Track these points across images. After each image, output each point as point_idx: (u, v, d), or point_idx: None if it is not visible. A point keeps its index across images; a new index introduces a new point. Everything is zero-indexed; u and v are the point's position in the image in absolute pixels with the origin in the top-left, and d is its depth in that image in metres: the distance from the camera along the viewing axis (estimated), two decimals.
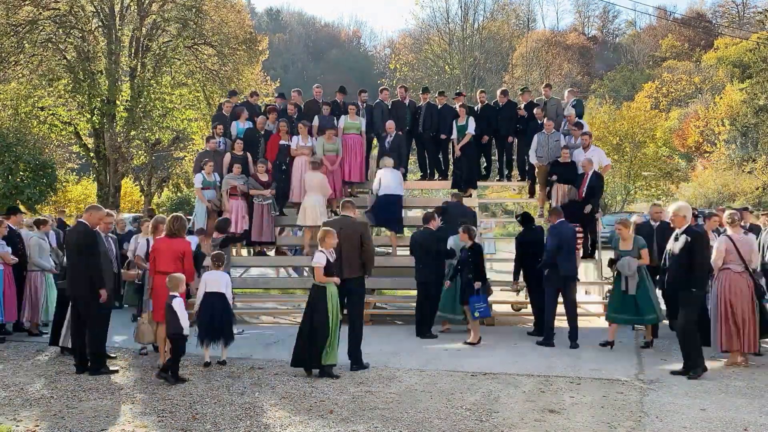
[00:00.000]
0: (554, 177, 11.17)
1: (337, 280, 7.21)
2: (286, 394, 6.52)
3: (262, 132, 12.14)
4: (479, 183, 12.77)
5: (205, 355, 7.68)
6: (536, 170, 11.80)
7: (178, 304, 7.07)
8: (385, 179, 10.98)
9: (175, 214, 8.04)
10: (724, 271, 7.68)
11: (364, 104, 12.63)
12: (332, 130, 11.86)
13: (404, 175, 12.10)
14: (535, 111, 12.09)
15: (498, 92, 12.93)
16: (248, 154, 11.79)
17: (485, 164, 13.10)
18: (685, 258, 7.16)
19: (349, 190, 12.42)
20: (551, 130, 11.68)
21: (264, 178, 11.42)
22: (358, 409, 6.03)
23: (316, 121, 12.19)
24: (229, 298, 7.88)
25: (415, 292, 9.68)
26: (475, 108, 12.64)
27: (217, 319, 7.69)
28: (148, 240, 8.68)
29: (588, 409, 6.09)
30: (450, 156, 12.92)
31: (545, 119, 11.79)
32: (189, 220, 10.75)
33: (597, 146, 12.00)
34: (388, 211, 10.90)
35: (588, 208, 10.80)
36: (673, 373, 7.25)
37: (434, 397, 6.41)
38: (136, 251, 8.97)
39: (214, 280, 7.76)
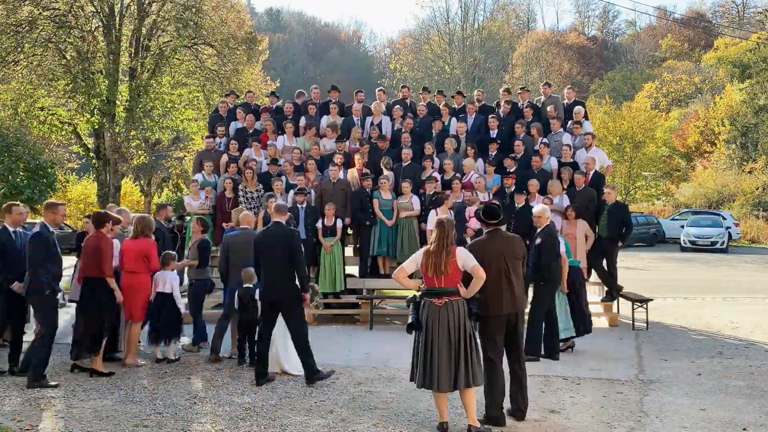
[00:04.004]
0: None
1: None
2: (286, 394, 6.52)
3: (251, 131, 12.16)
4: None
5: (155, 353, 7.92)
6: None
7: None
8: None
9: (140, 214, 8.14)
10: None
11: (362, 104, 12.62)
12: (312, 128, 11.98)
13: None
14: (548, 108, 12.05)
15: (500, 93, 12.87)
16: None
17: None
18: None
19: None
20: (558, 128, 11.65)
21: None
22: (358, 409, 6.03)
23: (302, 122, 12.25)
24: (177, 298, 8.01)
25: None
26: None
27: (164, 318, 7.88)
28: None
29: (588, 409, 6.10)
30: None
31: (552, 119, 11.74)
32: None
33: (598, 147, 11.98)
34: None
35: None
36: None
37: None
38: None
39: (163, 281, 7.95)
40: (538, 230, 7.95)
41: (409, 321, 5.57)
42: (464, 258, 5.47)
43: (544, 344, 7.94)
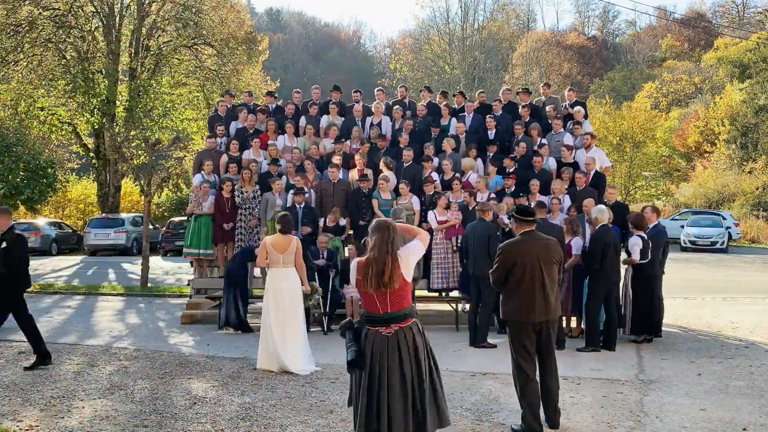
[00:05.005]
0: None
1: None
2: (286, 394, 6.51)
3: (251, 131, 12.15)
4: None
5: None
6: None
7: None
8: None
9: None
10: None
11: (360, 104, 12.60)
12: (312, 128, 11.99)
13: None
14: (547, 109, 12.02)
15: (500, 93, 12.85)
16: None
17: None
18: None
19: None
20: (559, 129, 11.63)
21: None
22: None
23: (303, 122, 12.26)
24: None
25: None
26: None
27: None
28: None
29: (588, 409, 6.09)
30: None
31: (552, 119, 11.70)
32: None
33: (597, 147, 11.96)
34: None
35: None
36: None
37: None
38: None
39: None
40: (597, 228, 8.65)
41: (348, 358, 4.27)
42: (406, 253, 4.33)
43: (602, 336, 8.50)
